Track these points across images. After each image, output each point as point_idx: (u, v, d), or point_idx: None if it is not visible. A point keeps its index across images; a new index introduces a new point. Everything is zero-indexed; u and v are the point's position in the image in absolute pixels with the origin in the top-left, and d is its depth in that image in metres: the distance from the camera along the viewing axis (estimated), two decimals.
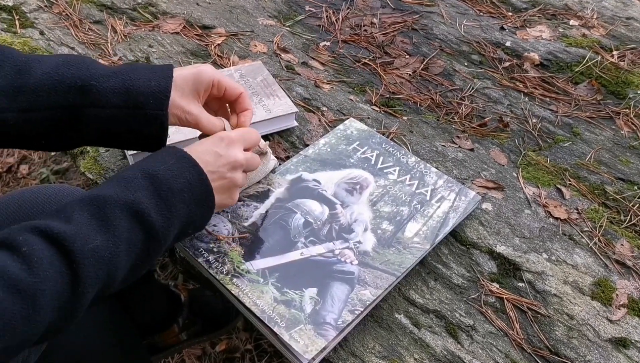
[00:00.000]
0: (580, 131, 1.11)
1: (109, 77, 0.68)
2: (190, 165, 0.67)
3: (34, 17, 1.24)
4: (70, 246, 0.54)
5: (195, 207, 0.66)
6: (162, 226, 0.62)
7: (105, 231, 0.57)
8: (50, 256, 0.53)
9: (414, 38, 1.32)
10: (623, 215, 0.94)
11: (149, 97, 0.69)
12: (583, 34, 1.35)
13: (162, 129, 0.71)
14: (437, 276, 0.83)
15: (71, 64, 0.68)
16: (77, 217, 0.57)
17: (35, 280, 0.51)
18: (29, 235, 0.54)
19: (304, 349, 0.68)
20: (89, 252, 0.55)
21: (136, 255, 0.60)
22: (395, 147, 0.96)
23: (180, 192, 0.64)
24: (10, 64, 0.66)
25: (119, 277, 0.59)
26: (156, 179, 0.63)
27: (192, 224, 0.68)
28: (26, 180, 1.78)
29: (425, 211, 0.86)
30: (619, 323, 0.79)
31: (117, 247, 0.58)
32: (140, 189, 0.62)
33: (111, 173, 0.94)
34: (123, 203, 0.59)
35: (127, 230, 0.59)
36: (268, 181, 0.89)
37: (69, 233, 0.55)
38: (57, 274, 0.53)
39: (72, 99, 0.66)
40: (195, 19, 1.29)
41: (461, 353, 0.74)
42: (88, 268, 0.55)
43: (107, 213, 0.58)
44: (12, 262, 0.51)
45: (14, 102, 0.65)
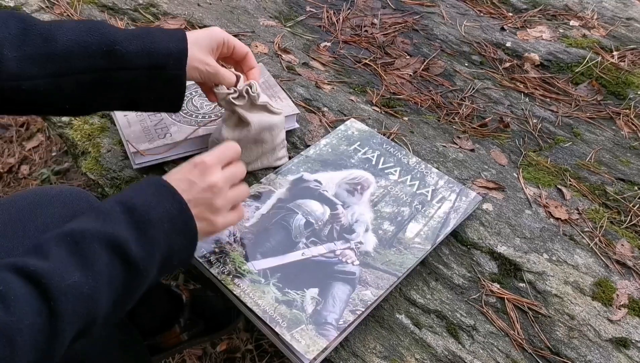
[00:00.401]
0: (580, 131, 1.11)
1: (130, 41, 0.71)
2: (169, 194, 0.65)
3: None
4: (47, 282, 0.52)
5: (176, 237, 0.64)
6: (142, 258, 0.60)
7: (83, 267, 0.56)
8: (27, 293, 0.51)
9: (414, 39, 1.33)
10: (623, 215, 0.94)
11: (169, 58, 0.72)
12: (583, 35, 1.35)
13: (181, 88, 0.75)
14: (438, 277, 0.83)
15: (93, 30, 0.71)
16: (54, 253, 0.56)
17: (12, 319, 0.49)
18: (5, 273, 0.53)
19: (305, 349, 0.69)
20: (66, 288, 0.53)
21: (118, 290, 0.58)
22: (396, 147, 0.96)
23: (159, 222, 0.62)
24: (36, 33, 0.68)
25: (101, 313, 0.57)
26: (134, 211, 0.61)
27: (175, 255, 0.65)
28: (27, 180, 1.78)
29: (426, 212, 0.86)
30: (619, 323, 0.79)
31: (97, 282, 0.56)
32: (118, 222, 0.60)
33: (112, 173, 0.94)
34: (102, 237, 0.58)
35: (107, 265, 0.57)
36: (269, 181, 0.89)
37: (46, 269, 0.53)
38: (35, 312, 0.51)
39: (99, 63, 0.70)
40: (196, 19, 1.29)
41: (462, 353, 0.74)
42: (66, 305, 0.53)
43: (85, 247, 0.57)
44: None
45: (44, 69, 0.67)
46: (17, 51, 0.67)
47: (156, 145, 0.90)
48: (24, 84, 0.67)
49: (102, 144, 0.98)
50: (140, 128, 0.92)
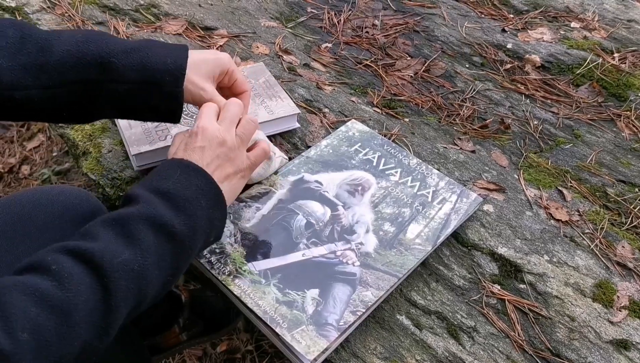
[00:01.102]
0: (581, 133, 1.11)
1: (127, 54, 0.70)
2: (195, 172, 0.68)
3: (36, 18, 1.24)
4: (98, 260, 0.55)
5: (212, 211, 0.67)
6: (187, 235, 0.63)
7: (132, 246, 0.58)
8: (80, 272, 0.54)
9: (415, 40, 1.33)
10: (624, 217, 0.94)
11: (165, 74, 0.71)
12: (584, 36, 1.35)
13: (177, 105, 0.74)
14: (439, 278, 0.83)
15: (90, 41, 0.70)
16: (103, 235, 0.58)
17: (68, 294, 0.51)
18: (57, 255, 0.55)
19: (305, 350, 0.69)
20: (118, 265, 0.56)
21: (165, 267, 0.61)
22: (396, 148, 0.96)
23: (195, 199, 0.65)
24: (32, 42, 0.68)
25: (151, 290, 0.60)
26: (169, 195, 0.64)
27: (214, 230, 0.69)
28: (28, 181, 1.78)
29: (426, 213, 0.86)
30: (620, 325, 0.79)
31: (146, 260, 0.58)
32: (158, 206, 0.63)
33: (113, 173, 0.94)
34: (146, 218, 0.60)
35: (154, 244, 0.60)
36: (270, 182, 0.89)
37: (97, 249, 0.56)
38: (89, 289, 0.53)
39: (93, 75, 0.69)
40: (198, 20, 1.29)
41: (462, 354, 0.74)
42: (119, 282, 0.55)
43: (132, 229, 0.59)
44: (43, 281, 0.52)
45: (38, 80, 0.67)
46: (11, 60, 0.67)
47: (157, 147, 0.90)
48: (17, 94, 0.67)
49: (103, 144, 0.98)
50: (141, 130, 0.92)
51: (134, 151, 0.89)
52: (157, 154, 0.90)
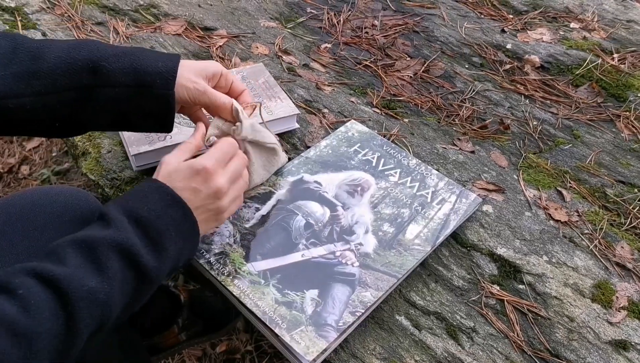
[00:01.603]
0: (580, 133, 1.11)
1: (118, 57, 0.70)
2: (173, 202, 0.67)
3: (36, 18, 1.24)
4: (65, 287, 0.54)
5: (182, 243, 0.67)
6: (153, 265, 0.62)
7: (99, 274, 0.58)
8: (46, 298, 0.54)
9: (415, 40, 1.33)
10: (623, 218, 0.94)
11: (155, 77, 0.71)
12: (584, 37, 1.35)
13: (168, 109, 0.73)
14: (438, 278, 0.83)
15: (82, 47, 0.70)
16: (71, 259, 0.58)
17: (32, 322, 0.51)
18: (25, 278, 0.54)
19: (305, 350, 0.69)
20: (84, 294, 0.55)
21: (129, 295, 0.61)
22: (396, 149, 0.96)
23: (166, 231, 0.64)
24: (24, 51, 0.68)
25: (113, 316, 0.60)
26: (141, 222, 0.63)
27: (182, 260, 0.68)
28: (27, 181, 1.78)
29: (426, 213, 0.86)
30: (619, 325, 0.79)
31: (112, 288, 0.58)
32: (128, 231, 0.62)
33: (113, 174, 0.94)
34: (115, 245, 0.60)
35: (120, 271, 0.59)
36: (269, 182, 0.89)
37: (64, 275, 0.55)
38: (53, 316, 0.53)
39: (84, 80, 0.69)
40: (197, 20, 1.29)
41: (462, 355, 0.74)
42: (83, 310, 0.55)
43: (100, 255, 0.59)
44: (9, 305, 0.52)
45: (30, 87, 0.67)
46: (4, 69, 0.67)
47: (156, 147, 0.90)
48: (10, 103, 0.67)
49: (103, 144, 0.98)
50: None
51: (133, 151, 0.89)
52: (156, 154, 0.90)
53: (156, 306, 1.13)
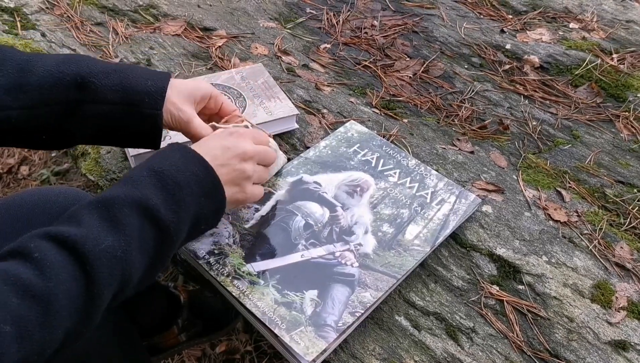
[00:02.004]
0: (580, 133, 1.11)
1: (107, 75, 0.70)
2: (195, 159, 0.67)
3: (35, 18, 1.24)
4: (81, 248, 0.54)
5: (204, 200, 0.66)
6: (172, 220, 0.61)
7: (115, 231, 0.57)
8: (62, 259, 0.53)
9: (414, 41, 1.33)
10: (623, 218, 0.94)
11: (144, 96, 0.70)
12: (583, 37, 1.35)
13: (156, 128, 0.72)
14: (437, 279, 0.83)
15: (71, 62, 0.70)
16: (86, 220, 0.57)
17: (49, 284, 0.51)
18: (40, 241, 0.54)
19: (304, 351, 0.69)
20: (100, 253, 0.55)
21: (149, 253, 0.60)
22: (395, 149, 0.96)
23: (187, 185, 0.64)
24: (12, 63, 0.68)
25: (135, 277, 0.59)
26: (162, 175, 0.63)
27: (203, 219, 0.67)
28: (26, 181, 1.78)
29: (425, 214, 0.86)
30: (618, 325, 0.79)
31: (129, 246, 0.57)
32: (147, 186, 0.61)
33: (112, 174, 0.94)
34: (131, 201, 0.59)
35: (138, 228, 0.59)
36: (269, 183, 0.89)
37: (79, 236, 0.55)
38: (71, 277, 0.53)
39: (72, 95, 0.68)
40: (197, 21, 1.29)
41: (461, 355, 0.74)
42: (101, 269, 0.54)
43: (116, 212, 0.58)
44: (25, 269, 0.51)
45: (17, 100, 0.67)
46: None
47: None
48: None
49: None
50: None
51: (133, 152, 0.89)
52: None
53: (156, 307, 1.13)
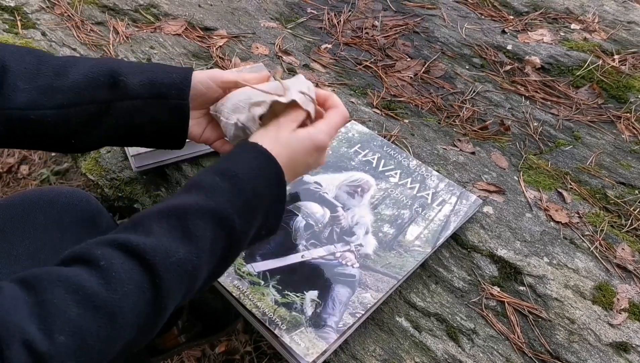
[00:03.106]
0: (581, 134, 1.11)
1: (135, 73, 0.72)
2: (268, 161, 0.63)
3: (35, 18, 1.24)
4: (151, 259, 0.51)
5: (271, 207, 0.63)
6: (244, 231, 0.59)
7: (187, 243, 0.54)
8: (130, 269, 0.51)
9: (415, 41, 1.33)
10: (624, 219, 0.94)
11: (170, 88, 0.72)
12: (584, 38, 1.35)
13: (184, 119, 0.73)
14: (438, 280, 0.82)
15: (101, 64, 0.73)
16: (157, 229, 0.54)
17: (114, 295, 0.49)
18: (107, 249, 0.52)
19: (304, 352, 0.68)
20: (171, 265, 0.52)
21: (215, 263, 0.58)
22: (396, 150, 0.96)
23: (261, 193, 0.61)
24: (49, 67, 0.70)
25: (197, 288, 0.57)
26: (236, 179, 0.60)
27: (265, 225, 0.64)
28: (26, 181, 1.78)
29: (426, 215, 0.86)
30: (620, 327, 0.79)
31: (200, 260, 0.55)
32: (221, 194, 0.59)
33: (112, 174, 0.94)
34: (205, 212, 0.57)
35: (211, 240, 0.56)
36: None
37: (149, 245, 0.52)
38: (138, 289, 0.50)
39: (104, 94, 0.71)
40: (197, 20, 1.29)
41: (462, 356, 0.74)
42: (170, 283, 0.52)
43: (189, 223, 0.55)
44: (89, 277, 0.49)
45: (53, 100, 0.69)
46: (29, 83, 0.69)
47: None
48: (32, 114, 0.68)
49: None
50: None
51: (133, 151, 0.88)
52: (156, 154, 0.90)
53: None
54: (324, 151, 0.70)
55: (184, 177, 0.93)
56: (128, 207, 0.93)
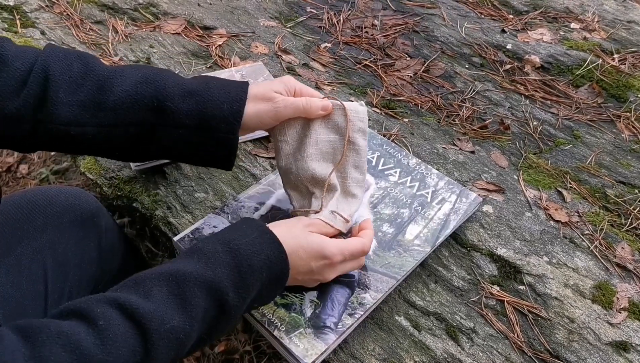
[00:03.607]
0: (581, 134, 1.11)
1: (184, 98, 0.69)
2: (271, 241, 0.65)
3: (34, 16, 1.23)
4: (147, 324, 0.53)
5: (268, 285, 0.65)
6: (236, 305, 0.60)
7: (182, 311, 0.56)
8: (126, 332, 0.52)
9: (415, 40, 1.32)
10: (624, 218, 0.94)
11: (220, 122, 0.69)
12: (584, 37, 1.35)
13: (231, 152, 0.72)
14: (438, 279, 0.82)
15: (149, 82, 0.69)
16: (156, 293, 0.56)
17: (107, 358, 0.50)
18: (107, 308, 0.53)
19: (303, 353, 0.68)
20: (164, 333, 0.54)
21: (205, 332, 0.60)
22: (396, 148, 0.96)
23: (259, 270, 0.63)
24: (93, 79, 0.68)
25: (184, 353, 0.59)
26: (237, 254, 0.62)
27: (258, 301, 0.66)
28: (25, 180, 1.78)
29: (425, 214, 0.86)
30: (619, 326, 0.79)
31: (192, 328, 0.57)
32: (221, 265, 0.60)
33: (111, 173, 0.94)
34: (203, 281, 0.58)
35: (203, 310, 0.58)
36: (269, 182, 0.89)
37: (147, 310, 0.54)
38: (130, 352, 0.52)
39: (148, 117, 0.69)
40: (197, 19, 1.28)
41: (461, 356, 0.74)
42: (162, 349, 0.54)
43: (186, 290, 0.57)
44: (86, 335, 0.51)
45: (95, 118, 0.67)
46: (72, 95, 0.67)
47: None
48: (73, 130, 0.68)
49: None
50: None
51: None
52: None
53: None
54: (331, 267, 0.70)
55: (184, 176, 0.92)
56: (127, 206, 0.93)
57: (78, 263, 0.81)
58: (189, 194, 0.90)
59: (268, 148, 0.99)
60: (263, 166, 0.96)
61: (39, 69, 0.66)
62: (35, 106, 0.66)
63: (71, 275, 0.80)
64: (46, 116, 0.66)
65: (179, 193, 0.90)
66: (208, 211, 0.87)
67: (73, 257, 0.80)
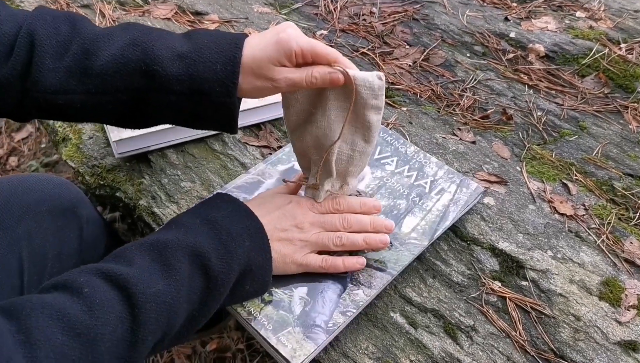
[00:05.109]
0: (587, 125, 1.07)
1: (172, 61, 0.64)
2: (246, 214, 0.67)
3: (19, 0, 1.19)
4: (132, 288, 0.53)
5: (254, 254, 0.64)
6: (221, 271, 0.60)
7: (167, 275, 0.56)
8: (112, 298, 0.52)
9: (414, 28, 1.28)
10: (632, 212, 0.90)
11: (214, 84, 0.64)
12: (590, 26, 1.30)
13: (230, 116, 0.67)
14: (436, 274, 0.78)
15: (137, 44, 0.64)
16: (139, 261, 0.57)
17: (96, 323, 0.50)
18: (91, 277, 0.54)
19: (291, 354, 0.64)
20: (151, 296, 0.54)
21: (194, 303, 0.59)
22: (393, 136, 0.91)
23: (239, 237, 0.63)
24: (79, 43, 0.64)
25: (177, 326, 0.58)
26: (215, 224, 0.63)
27: (250, 274, 0.65)
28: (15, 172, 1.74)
29: (423, 205, 0.81)
30: (628, 325, 0.74)
31: (179, 292, 0.57)
32: (200, 233, 0.61)
33: (94, 161, 0.90)
34: (184, 247, 0.59)
35: (188, 275, 0.58)
36: (258, 171, 0.84)
37: (131, 275, 0.54)
38: (117, 318, 0.52)
39: (137, 82, 0.64)
40: (188, 4, 1.24)
41: (460, 355, 0.70)
42: (149, 313, 0.54)
43: (169, 256, 0.58)
44: (72, 304, 0.50)
45: (81, 84, 0.64)
46: (58, 61, 0.63)
47: (139, 133, 0.85)
48: (60, 98, 0.64)
49: (84, 130, 0.93)
50: None
51: (115, 137, 0.84)
52: (138, 141, 0.86)
53: None
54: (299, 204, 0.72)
55: (169, 164, 0.88)
56: (110, 196, 0.88)
57: (57, 255, 0.78)
58: (175, 184, 0.86)
59: (259, 136, 0.95)
60: (253, 154, 0.91)
61: (24, 33, 0.62)
62: (22, 74, 0.62)
63: (49, 267, 0.77)
64: (32, 85, 0.62)
65: (164, 182, 0.86)
66: (194, 201, 0.83)
67: (51, 248, 0.77)
